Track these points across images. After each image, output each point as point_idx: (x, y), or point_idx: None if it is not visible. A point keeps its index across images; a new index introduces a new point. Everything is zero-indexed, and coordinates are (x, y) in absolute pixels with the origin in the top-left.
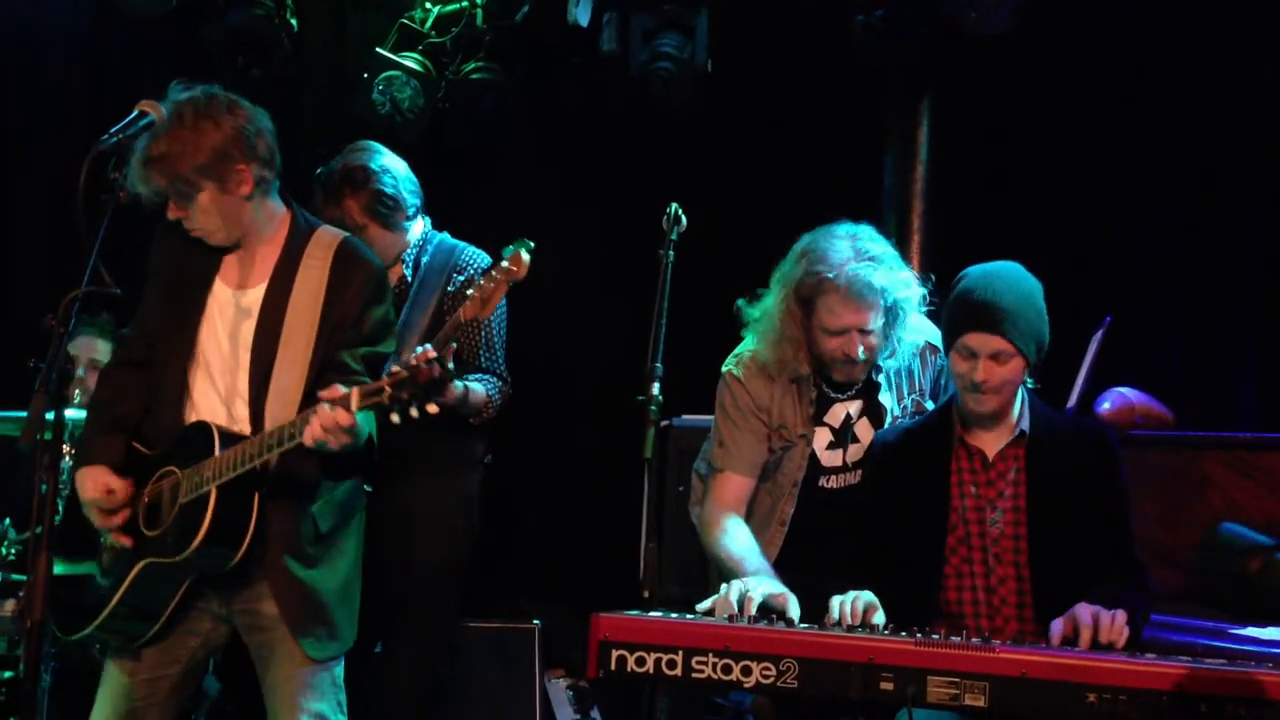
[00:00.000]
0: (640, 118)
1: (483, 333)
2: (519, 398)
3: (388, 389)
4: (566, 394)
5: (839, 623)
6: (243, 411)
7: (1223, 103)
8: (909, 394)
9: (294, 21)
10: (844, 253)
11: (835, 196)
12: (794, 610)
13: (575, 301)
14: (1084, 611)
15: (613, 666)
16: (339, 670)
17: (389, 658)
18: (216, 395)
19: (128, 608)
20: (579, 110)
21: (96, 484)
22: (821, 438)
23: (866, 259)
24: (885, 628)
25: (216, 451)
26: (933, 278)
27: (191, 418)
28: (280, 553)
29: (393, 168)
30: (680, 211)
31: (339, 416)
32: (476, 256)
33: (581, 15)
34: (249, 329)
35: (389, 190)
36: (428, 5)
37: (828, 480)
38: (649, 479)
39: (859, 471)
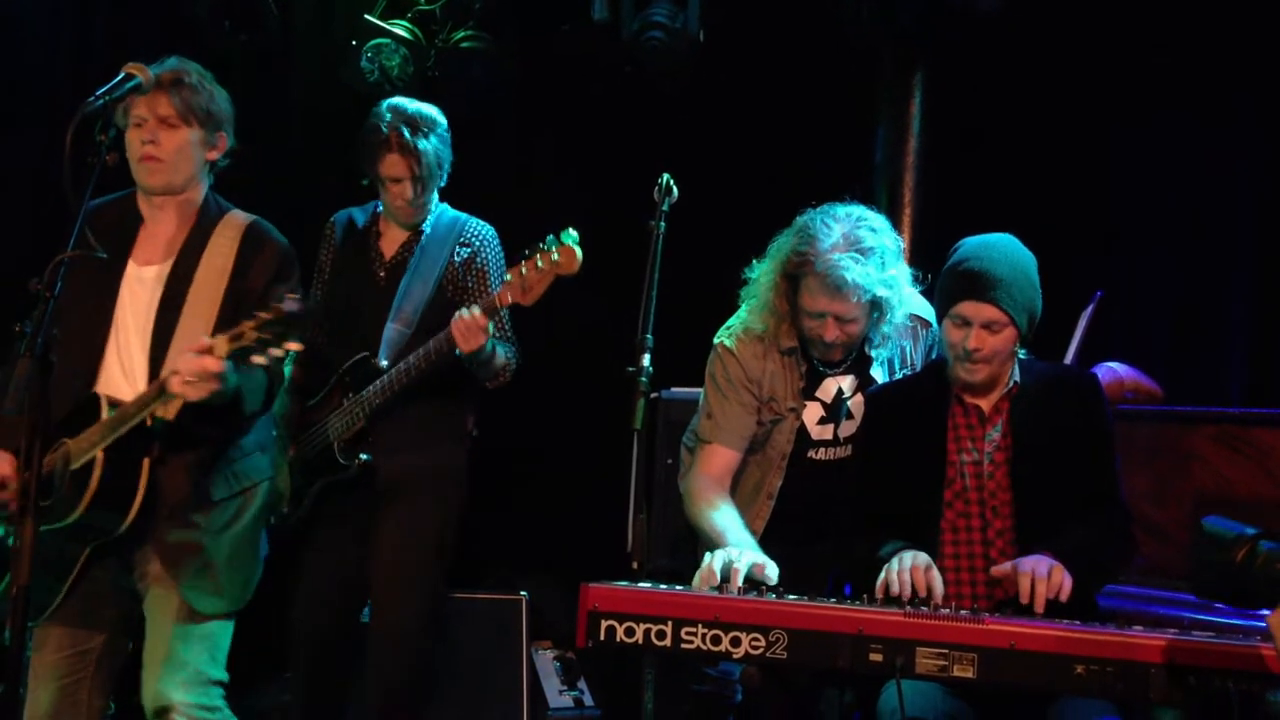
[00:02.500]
0: (631, 87)
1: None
2: (519, 368)
3: (250, 330)
4: (556, 365)
5: (899, 596)
6: (142, 383)
7: (1214, 75)
8: (900, 369)
9: None
10: (834, 238)
11: (827, 169)
12: (773, 574)
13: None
14: (1025, 564)
15: (602, 637)
16: (225, 633)
17: (378, 629)
18: (120, 369)
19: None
20: (570, 79)
21: None
22: (813, 411)
23: (855, 249)
24: (871, 598)
25: (104, 416)
26: (924, 274)
27: (98, 388)
28: (167, 516)
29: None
30: (671, 182)
31: (205, 363)
32: (482, 228)
33: None
34: (152, 302)
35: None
36: None
37: (817, 453)
38: (638, 451)
39: (850, 446)
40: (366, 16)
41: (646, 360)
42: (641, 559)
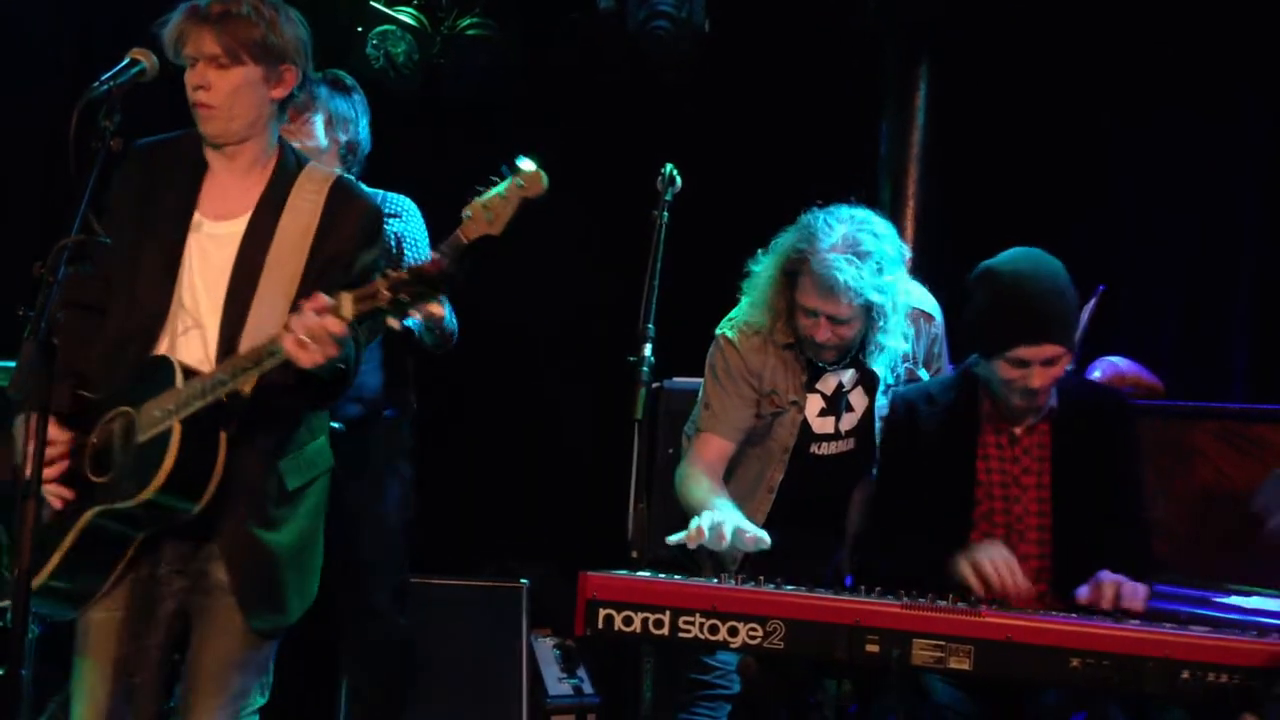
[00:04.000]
0: (636, 77)
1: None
2: (511, 357)
3: (385, 291)
4: (558, 354)
5: (988, 592)
6: (213, 353)
7: (1219, 69)
8: (902, 363)
9: None
10: (833, 238)
11: (831, 161)
12: (765, 541)
13: (567, 261)
14: (1108, 576)
15: (600, 625)
16: (272, 651)
17: (354, 620)
18: (189, 336)
19: (73, 564)
20: (574, 68)
21: (27, 438)
22: (814, 404)
23: (853, 252)
24: (872, 589)
25: (178, 383)
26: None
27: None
28: (240, 510)
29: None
30: (675, 172)
31: (327, 323)
32: (404, 199)
33: None
34: (226, 262)
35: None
36: None
37: (819, 447)
38: (639, 440)
39: (853, 439)
40: (372, 2)
41: (648, 350)
42: (641, 548)
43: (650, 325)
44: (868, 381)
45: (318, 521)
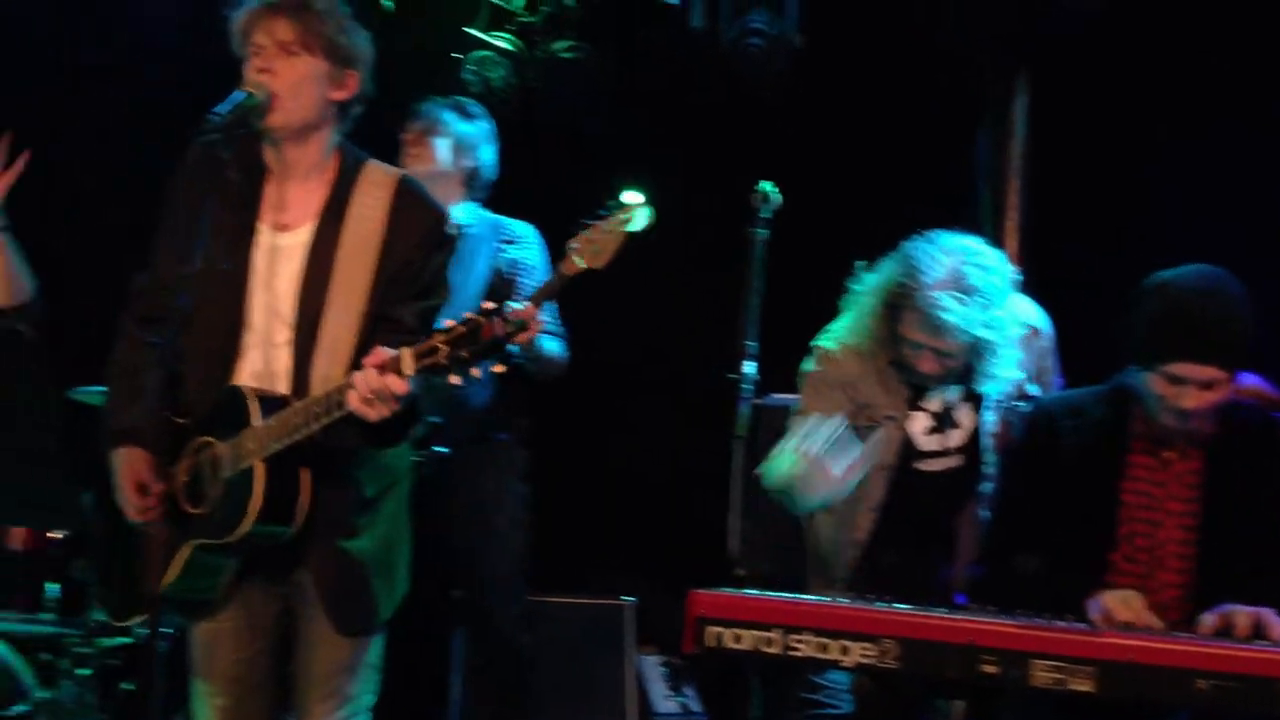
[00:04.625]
0: (730, 95)
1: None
2: (613, 376)
3: (443, 347)
4: (659, 372)
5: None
6: (285, 369)
7: None
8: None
9: (387, 2)
10: (938, 274)
11: (929, 174)
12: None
13: (667, 279)
14: (1240, 607)
15: (710, 643)
16: (376, 649)
17: (475, 639)
18: (258, 351)
19: (179, 590)
20: (667, 87)
21: (130, 476)
22: (919, 421)
23: (959, 289)
24: (987, 608)
25: (254, 420)
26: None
27: (235, 376)
28: (323, 522)
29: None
30: (772, 189)
31: (389, 382)
32: (525, 226)
33: None
34: (293, 274)
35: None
36: None
37: (926, 464)
38: (741, 457)
39: (961, 456)
40: (468, 29)
41: (749, 367)
42: (745, 565)
43: (751, 342)
44: (974, 397)
45: (400, 524)
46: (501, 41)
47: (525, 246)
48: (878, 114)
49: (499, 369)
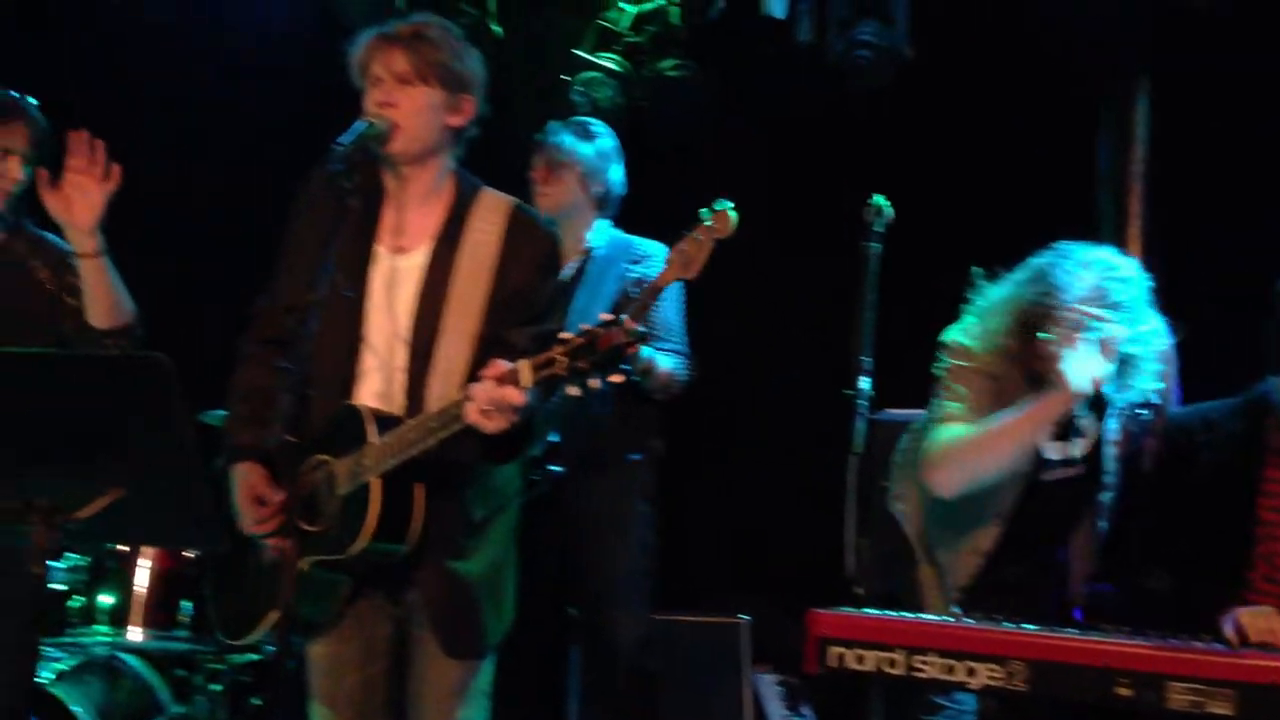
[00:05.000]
0: (840, 108)
1: (663, 314)
2: (729, 392)
3: (561, 359)
4: (773, 387)
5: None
6: (401, 390)
7: None
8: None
9: (497, 29)
10: (1081, 291)
11: (1047, 182)
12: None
13: (780, 295)
14: None
15: (831, 664)
16: (487, 673)
17: (594, 659)
18: (376, 372)
19: (301, 602)
20: (775, 102)
21: (248, 490)
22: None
23: (1105, 306)
24: (1121, 628)
25: (372, 438)
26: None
27: (354, 397)
28: (433, 544)
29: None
30: (885, 203)
31: (507, 394)
32: (654, 245)
33: (776, 7)
34: (410, 297)
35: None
36: (624, 5)
37: (1050, 473)
38: (857, 473)
39: (1083, 464)
40: (576, 51)
41: (864, 382)
42: (864, 583)
43: (866, 358)
44: (1097, 404)
45: (508, 548)
46: (608, 62)
47: (653, 265)
48: (992, 122)
49: (616, 378)
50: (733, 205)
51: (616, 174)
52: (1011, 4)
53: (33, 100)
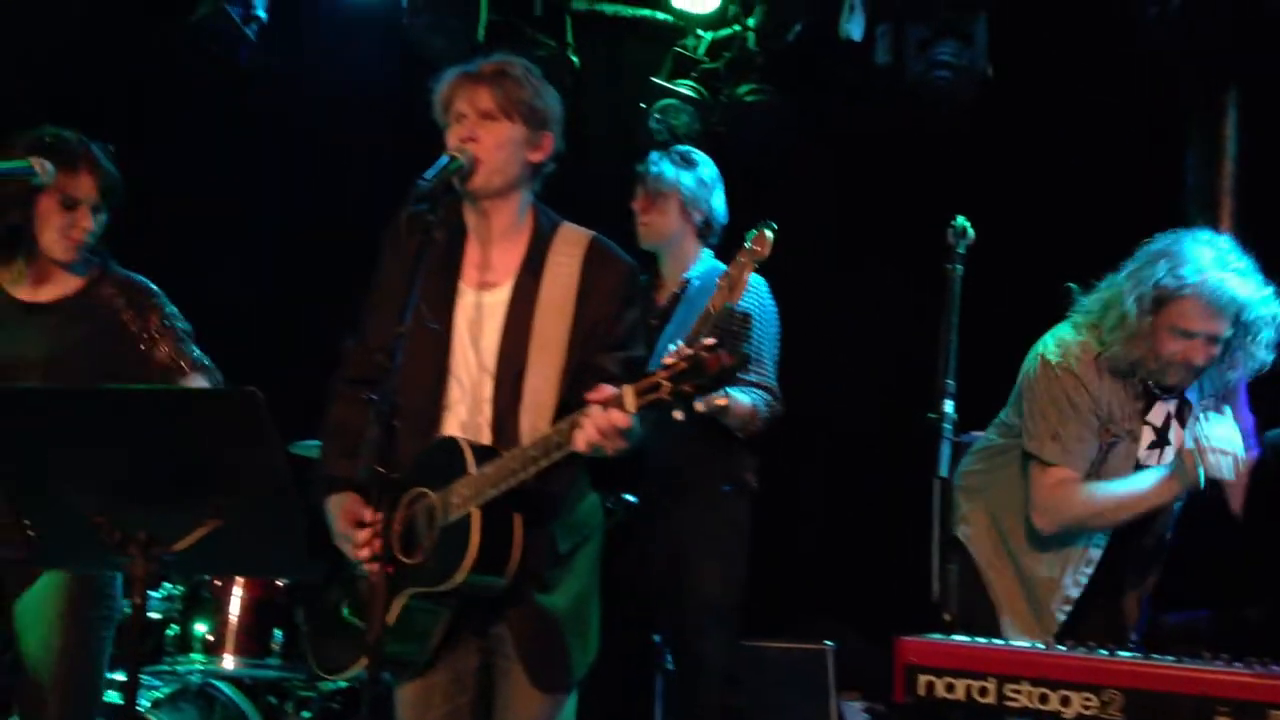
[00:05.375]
0: (919, 129)
1: (752, 346)
2: (808, 417)
3: (666, 383)
4: (856, 412)
5: None
6: (487, 423)
7: None
8: (1209, 392)
9: (575, 59)
10: (1206, 259)
11: (1133, 199)
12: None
13: (861, 318)
14: None
15: (920, 692)
16: (571, 706)
17: (678, 689)
18: (461, 405)
19: (396, 639)
20: (855, 125)
21: (346, 515)
22: (1145, 436)
23: (1231, 269)
24: (1219, 656)
25: (471, 469)
26: None
27: (442, 430)
28: (521, 577)
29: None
30: (967, 224)
31: (614, 418)
32: (752, 276)
33: (854, 30)
34: (495, 331)
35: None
36: (700, 32)
37: None
38: (943, 498)
39: None
40: (653, 79)
41: (948, 406)
42: (951, 610)
43: (950, 380)
44: (1181, 414)
45: (592, 581)
46: (685, 89)
47: (749, 294)
48: (1076, 138)
49: (720, 401)
50: (774, 226)
51: (718, 202)
52: (1094, 19)
53: (99, 145)
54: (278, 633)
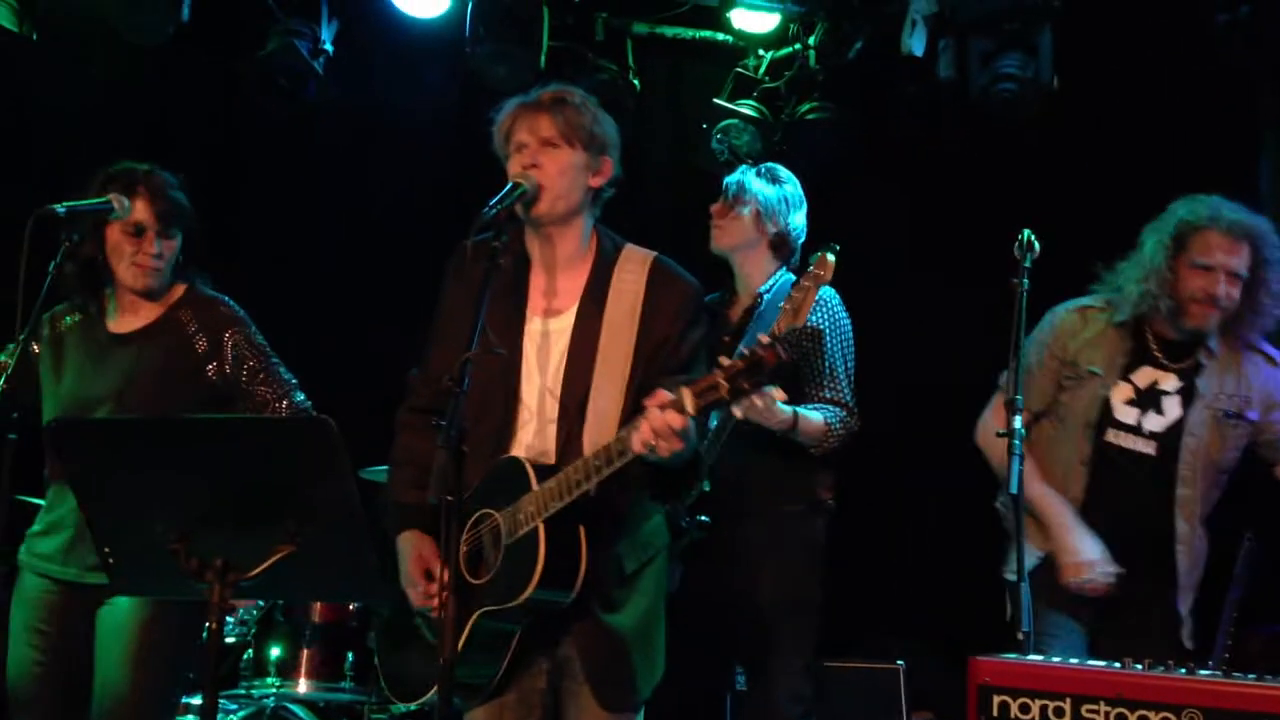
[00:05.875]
0: (984, 143)
1: (825, 361)
2: (881, 433)
3: (723, 381)
4: (926, 429)
5: None
6: (552, 442)
7: None
8: (1230, 392)
9: (637, 82)
10: (1221, 202)
11: None
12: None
13: (928, 334)
14: None
15: (995, 713)
16: None
17: (750, 710)
18: (529, 426)
19: (467, 663)
20: (919, 140)
21: (418, 563)
22: (1122, 391)
23: (1245, 210)
24: None
25: (534, 485)
26: None
27: (510, 452)
28: (587, 596)
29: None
30: (1033, 237)
31: (670, 419)
32: (823, 289)
33: (916, 45)
34: (561, 355)
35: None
36: (761, 52)
37: (1116, 436)
38: (1016, 514)
39: (1154, 443)
40: (715, 100)
41: (1018, 422)
42: (1025, 628)
43: (1019, 395)
44: (1188, 394)
45: (658, 600)
46: (747, 108)
47: (821, 309)
48: (1146, 151)
49: (779, 395)
50: (836, 248)
51: (796, 220)
52: (1162, 27)
53: (166, 175)
54: (350, 656)
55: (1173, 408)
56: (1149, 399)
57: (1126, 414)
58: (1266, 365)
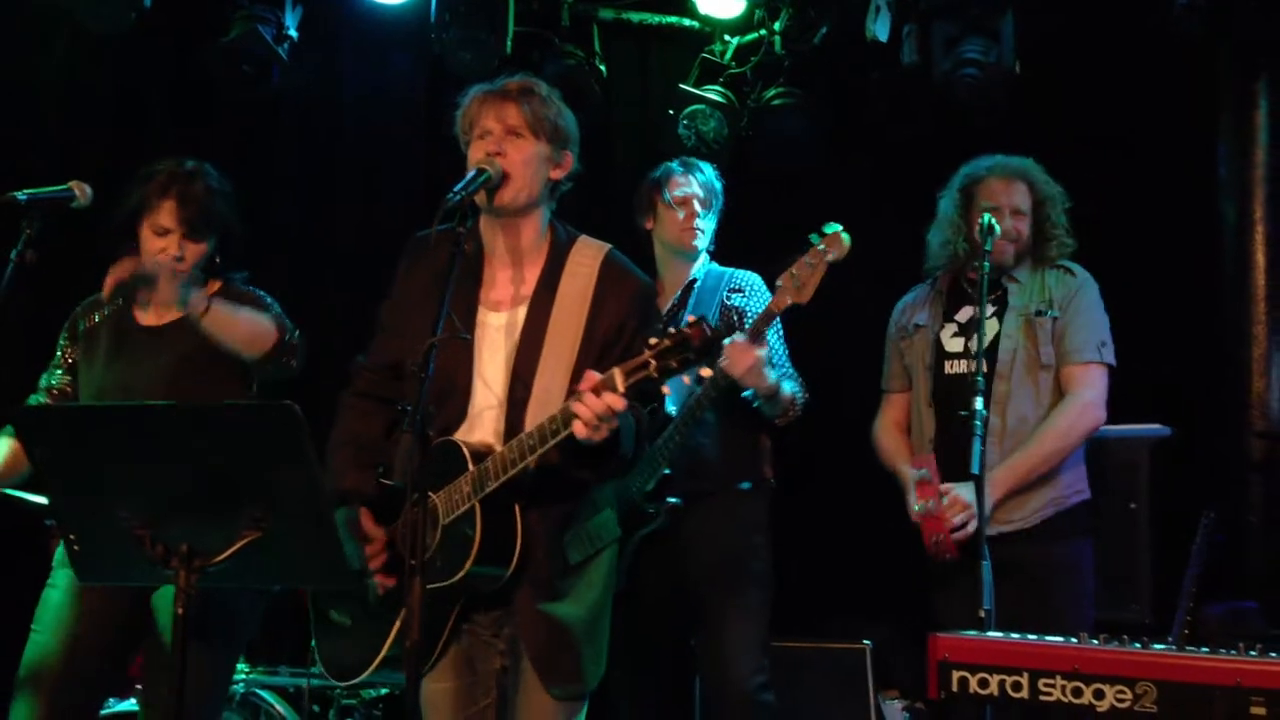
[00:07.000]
0: (948, 127)
1: (776, 341)
2: (841, 415)
3: (652, 360)
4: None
5: None
6: (500, 422)
7: None
8: (1037, 298)
9: (603, 68)
10: (997, 156)
11: (1165, 190)
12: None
13: (888, 316)
14: None
15: (954, 688)
16: (581, 717)
17: (713, 693)
18: (479, 414)
19: (399, 640)
20: (885, 125)
21: (350, 525)
22: (948, 329)
23: (1016, 157)
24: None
25: (470, 467)
26: None
27: (459, 435)
28: (527, 584)
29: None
30: (993, 221)
31: (608, 400)
32: (750, 275)
33: (880, 30)
34: (513, 345)
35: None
36: (726, 37)
37: (951, 365)
38: (979, 494)
39: (983, 361)
40: (681, 85)
41: (979, 403)
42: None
43: (980, 377)
44: (1002, 310)
45: (606, 594)
46: (713, 94)
47: (751, 295)
48: (1105, 134)
49: (705, 372)
50: (843, 227)
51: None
52: (1123, 11)
53: (207, 176)
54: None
55: (992, 326)
56: (971, 326)
57: (955, 344)
58: (1066, 275)
